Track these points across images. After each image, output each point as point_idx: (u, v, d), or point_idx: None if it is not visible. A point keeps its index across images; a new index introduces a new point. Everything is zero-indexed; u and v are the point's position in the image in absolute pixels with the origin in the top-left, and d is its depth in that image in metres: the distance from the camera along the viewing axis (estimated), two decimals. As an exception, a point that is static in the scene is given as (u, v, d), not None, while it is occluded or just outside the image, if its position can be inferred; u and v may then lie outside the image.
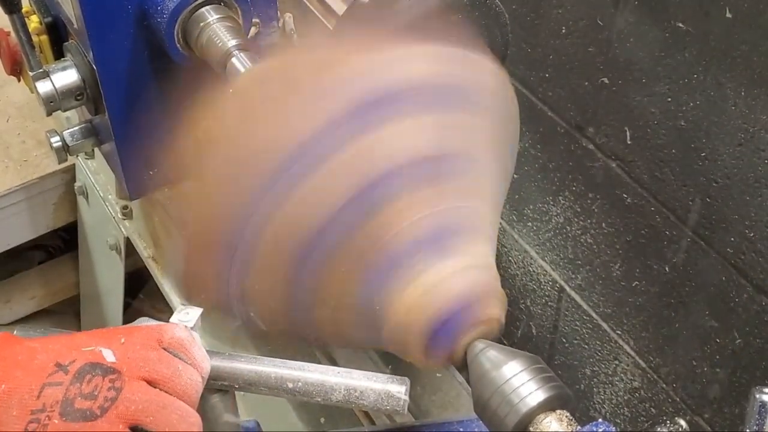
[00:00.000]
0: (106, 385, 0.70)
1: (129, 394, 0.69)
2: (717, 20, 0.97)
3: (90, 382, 0.70)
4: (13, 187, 1.93)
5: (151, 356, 0.72)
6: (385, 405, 0.78)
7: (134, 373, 0.71)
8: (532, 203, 1.37)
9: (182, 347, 0.75)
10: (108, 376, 0.70)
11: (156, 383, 0.72)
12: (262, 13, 1.13)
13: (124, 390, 0.70)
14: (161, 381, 0.72)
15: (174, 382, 0.72)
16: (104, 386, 0.70)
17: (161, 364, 0.72)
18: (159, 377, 0.72)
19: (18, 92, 2.03)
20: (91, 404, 0.69)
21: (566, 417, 0.76)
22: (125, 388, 0.70)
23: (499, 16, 1.05)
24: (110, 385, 0.70)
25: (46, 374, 0.70)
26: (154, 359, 0.72)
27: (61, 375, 0.70)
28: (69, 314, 2.33)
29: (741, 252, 1.04)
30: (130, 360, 0.72)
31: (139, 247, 1.73)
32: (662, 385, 1.23)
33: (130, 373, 0.71)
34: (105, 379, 0.70)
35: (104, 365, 0.71)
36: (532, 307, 1.45)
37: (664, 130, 1.09)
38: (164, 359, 0.73)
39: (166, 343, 0.74)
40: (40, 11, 1.27)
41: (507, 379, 0.77)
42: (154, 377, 0.71)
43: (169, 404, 0.71)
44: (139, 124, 1.18)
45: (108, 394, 0.69)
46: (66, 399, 0.69)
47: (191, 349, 0.75)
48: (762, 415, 0.70)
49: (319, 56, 0.87)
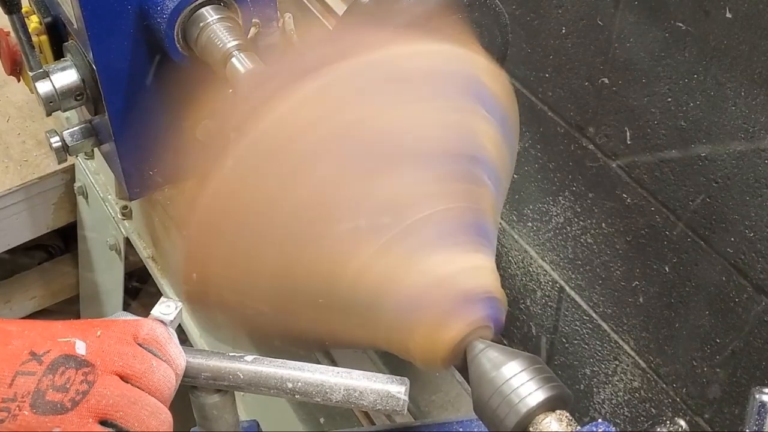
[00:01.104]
0: (78, 378, 0.69)
1: (101, 388, 0.69)
2: (717, 20, 0.97)
3: (63, 374, 0.69)
4: (13, 187, 1.93)
5: (126, 351, 0.72)
6: (384, 405, 0.78)
7: (107, 367, 0.71)
8: (532, 203, 1.37)
9: (157, 343, 0.74)
10: (81, 369, 0.70)
11: (129, 378, 0.71)
12: (262, 13, 1.13)
13: (96, 384, 0.69)
14: (134, 376, 0.72)
15: (147, 378, 0.72)
16: (77, 379, 0.69)
17: (135, 360, 0.72)
18: (132, 372, 0.72)
19: (18, 92, 2.03)
20: (63, 397, 0.68)
21: (566, 417, 0.76)
22: (97, 382, 0.70)
23: (499, 16, 1.05)
24: (83, 379, 0.70)
25: (20, 362, 0.70)
26: (128, 354, 0.72)
27: (34, 364, 0.69)
28: (69, 314, 2.33)
29: (741, 252, 1.04)
30: (105, 354, 0.71)
31: (138, 247, 1.73)
32: (662, 385, 1.23)
33: (103, 367, 0.71)
34: (78, 372, 0.70)
35: (78, 358, 0.70)
36: (532, 307, 1.45)
37: (664, 130, 1.09)
38: (138, 355, 0.73)
39: (141, 338, 0.74)
40: (40, 11, 1.27)
41: (507, 379, 0.77)
42: (127, 372, 0.71)
43: (140, 400, 0.71)
44: (139, 124, 1.18)
45: (80, 387, 0.69)
46: (38, 390, 0.68)
47: (166, 345, 0.75)
48: (762, 415, 0.70)
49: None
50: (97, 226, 1.94)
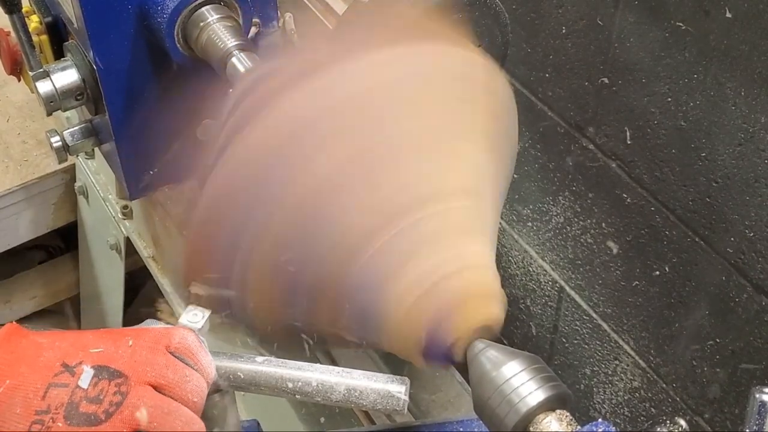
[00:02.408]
0: (111, 389, 0.69)
1: (134, 399, 0.69)
2: (717, 20, 0.97)
3: (96, 386, 0.69)
4: (13, 187, 1.93)
5: (159, 361, 0.71)
6: (385, 405, 0.78)
7: (140, 377, 0.70)
8: (532, 203, 1.37)
9: (189, 352, 0.74)
10: (114, 380, 0.70)
11: (162, 389, 0.71)
12: (262, 13, 1.13)
13: (129, 395, 0.69)
14: (167, 387, 0.71)
15: (180, 388, 0.71)
16: (110, 390, 0.69)
17: (168, 370, 0.71)
18: (165, 383, 0.71)
19: (18, 92, 2.03)
20: (96, 408, 0.68)
21: (566, 417, 0.76)
22: (131, 392, 0.69)
23: (499, 16, 1.05)
24: (116, 390, 0.69)
25: (53, 374, 0.69)
26: (161, 364, 0.71)
27: (67, 376, 0.69)
28: (69, 314, 2.33)
29: (741, 252, 1.04)
30: (137, 364, 0.71)
31: (139, 247, 1.73)
32: (662, 385, 1.23)
33: (136, 378, 0.70)
34: (111, 383, 0.69)
35: (111, 368, 0.70)
36: (532, 307, 1.45)
37: (664, 130, 1.09)
38: (171, 364, 0.72)
39: (173, 347, 0.73)
40: (40, 11, 1.27)
41: (507, 378, 0.77)
42: (160, 382, 0.71)
43: (174, 411, 0.70)
44: (139, 124, 1.18)
45: (113, 398, 0.69)
46: (71, 402, 0.68)
47: (198, 354, 0.75)
48: (762, 415, 0.70)
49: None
50: (97, 226, 1.94)
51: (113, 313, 2.01)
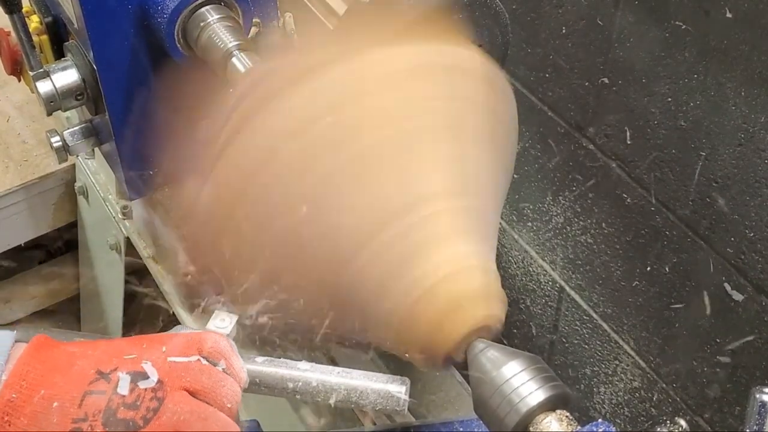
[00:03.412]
0: (148, 395, 0.69)
1: (171, 404, 0.69)
2: (717, 20, 0.97)
3: (132, 392, 0.69)
4: (13, 187, 1.93)
5: (193, 366, 0.71)
6: (385, 405, 0.78)
7: (176, 383, 0.70)
8: (532, 203, 1.37)
9: (223, 357, 0.74)
10: (150, 385, 0.69)
11: (197, 394, 0.71)
12: (263, 13, 1.13)
13: (166, 400, 0.69)
14: (202, 392, 0.71)
15: (215, 393, 0.71)
16: (146, 396, 0.69)
17: (202, 375, 0.71)
18: (201, 388, 0.71)
19: (18, 92, 2.03)
20: (134, 414, 0.68)
21: (566, 417, 0.76)
22: (167, 398, 0.69)
23: (499, 16, 1.05)
24: (152, 395, 0.69)
25: (88, 381, 0.69)
26: (195, 369, 0.71)
27: (103, 383, 0.69)
28: (69, 314, 2.33)
29: (741, 252, 1.04)
30: (172, 369, 0.70)
31: (139, 247, 1.72)
32: (662, 385, 1.23)
33: (171, 383, 0.70)
34: (147, 389, 0.69)
35: (146, 374, 0.70)
36: (532, 307, 1.45)
37: (664, 130, 1.09)
38: (205, 369, 0.72)
39: (206, 352, 0.73)
40: (41, 11, 1.27)
41: (507, 379, 0.77)
42: (195, 387, 0.70)
43: (210, 416, 0.70)
44: (139, 124, 1.18)
45: (150, 404, 0.68)
46: (108, 408, 0.68)
47: (231, 358, 0.74)
48: (762, 415, 0.70)
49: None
50: (97, 226, 1.94)
51: (113, 313, 2.01)
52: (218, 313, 0.80)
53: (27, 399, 0.67)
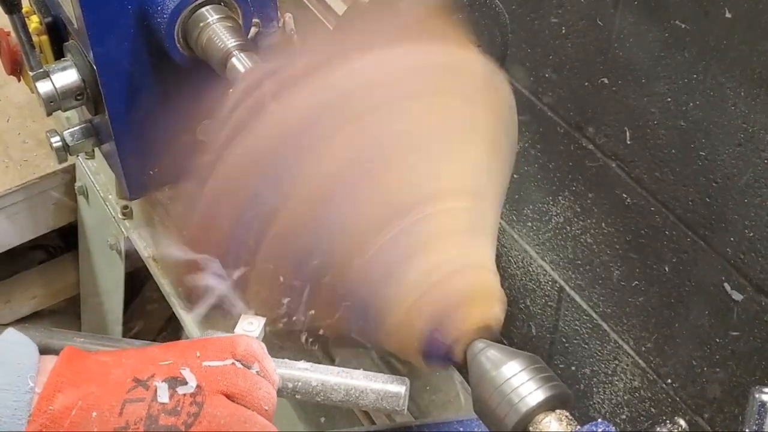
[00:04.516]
0: (187, 400, 0.69)
1: (210, 409, 0.69)
2: (717, 20, 0.97)
3: (172, 398, 0.69)
4: (13, 187, 1.93)
5: (228, 370, 0.71)
6: (385, 405, 0.79)
7: (213, 387, 0.70)
8: (532, 203, 1.37)
9: (256, 359, 0.74)
10: (188, 390, 0.69)
11: (234, 397, 0.71)
12: (262, 13, 1.13)
13: (205, 405, 0.69)
14: (239, 395, 0.71)
15: (252, 396, 0.72)
16: (186, 401, 0.69)
17: (238, 378, 0.71)
18: (237, 391, 0.71)
19: (18, 92, 2.03)
20: (176, 420, 0.68)
21: (566, 417, 0.76)
22: (206, 403, 0.69)
23: (499, 16, 1.05)
24: (192, 400, 0.69)
25: (125, 390, 0.69)
26: (231, 373, 0.71)
27: (141, 391, 0.69)
28: (69, 314, 2.33)
29: (741, 252, 1.04)
30: (208, 374, 0.71)
31: (139, 247, 1.72)
32: (662, 385, 1.23)
33: (209, 388, 0.70)
34: (186, 395, 0.69)
35: (184, 380, 0.70)
36: (532, 307, 1.45)
37: (664, 130, 1.09)
38: (240, 373, 0.72)
39: (239, 355, 0.73)
40: (41, 11, 1.27)
41: (507, 378, 0.78)
42: (232, 391, 0.71)
43: (249, 419, 0.70)
44: (139, 124, 1.18)
45: (190, 409, 0.68)
46: (150, 415, 0.68)
47: (264, 361, 0.75)
48: (762, 415, 0.70)
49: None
50: (97, 226, 1.94)
51: (113, 313, 2.01)
52: (246, 317, 0.80)
53: (65, 411, 0.67)
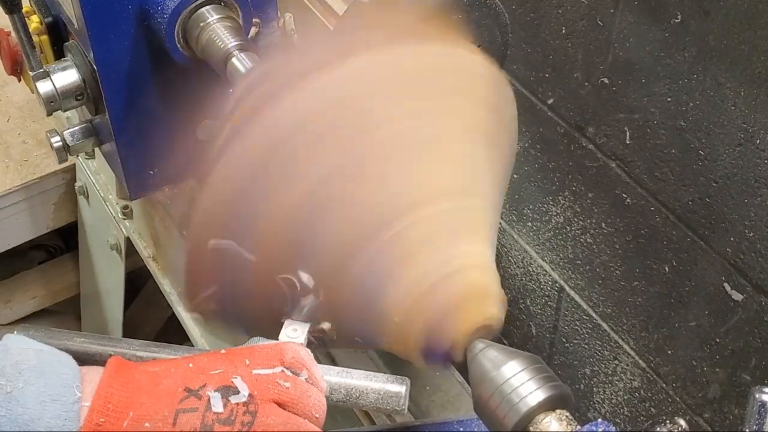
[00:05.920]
0: (240, 409, 0.69)
1: (264, 417, 0.69)
2: (717, 20, 0.97)
3: (225, 407, 0.68)
4: (14, 187, 1.93)
5: (278, 377, 0.71)
6: (385, 405, 0.79)
7: (265, 395, 0.70)
8: (532, 203, 1.37)
9: (304, 366, 0.74)
10: (242, 400, 0.69)
11: (286, 405, 0.71)
12: (263, 13, 1.13)
13: (258, 413, 0.69)
14: (291, 403, 0.71)
15: (303, 404, 0.71)
16: (239, 410, 0.68)
17: (289, 386, 0.71)
18: (288, 399, 0.71)
19: (18, 92, 2.03)
20: (230, 429, 0.68)
21: (566, 417, 0.76)
22: (259, 411, 0.69)
23: (499, 16, 1.05)
24: (245, 409, 0.69)
25: (178, 400, 0.68)
26: (281, 381, 0.71)
27: (194, 400, 0.68)
28: (69, 314, 2.33)
29: (741, 252, 1.05)
30: (259, 382, 0.70)
31: (139, 247, 1.73)
32: (662, 385, 1.23)
33: (261, 396, 0.70)
34: (239, 404, 0.69)
35: (236, 389, 0.70)
36: (532, 307, 1.45)
37: (664, 130, 1.09)
38: (290, 380, 0.72)
39: (288, 362, 0.73)
40: (41, 11, 1.27)
41: (507, 378, 0.77)
42: (284, 399, 0.70)
43: (302, 427, 0.70)
44: (139, 124, 1.18)
45: (244, 418, 0.68)
46: (204, 425, 0.67)
47: (312, 368, 0.74)
48: (762, 415, 0.70)
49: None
50: (97, 226, 1.94)
51: (113, 313, 2.01)
52: (290, 323, 0.80)
53: (116, 422, 0.67)
